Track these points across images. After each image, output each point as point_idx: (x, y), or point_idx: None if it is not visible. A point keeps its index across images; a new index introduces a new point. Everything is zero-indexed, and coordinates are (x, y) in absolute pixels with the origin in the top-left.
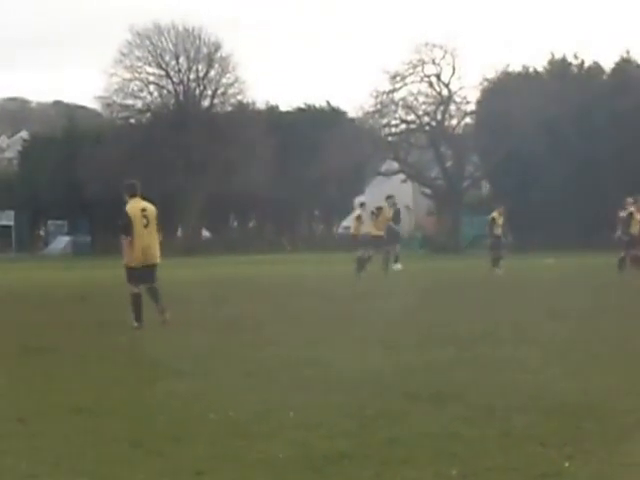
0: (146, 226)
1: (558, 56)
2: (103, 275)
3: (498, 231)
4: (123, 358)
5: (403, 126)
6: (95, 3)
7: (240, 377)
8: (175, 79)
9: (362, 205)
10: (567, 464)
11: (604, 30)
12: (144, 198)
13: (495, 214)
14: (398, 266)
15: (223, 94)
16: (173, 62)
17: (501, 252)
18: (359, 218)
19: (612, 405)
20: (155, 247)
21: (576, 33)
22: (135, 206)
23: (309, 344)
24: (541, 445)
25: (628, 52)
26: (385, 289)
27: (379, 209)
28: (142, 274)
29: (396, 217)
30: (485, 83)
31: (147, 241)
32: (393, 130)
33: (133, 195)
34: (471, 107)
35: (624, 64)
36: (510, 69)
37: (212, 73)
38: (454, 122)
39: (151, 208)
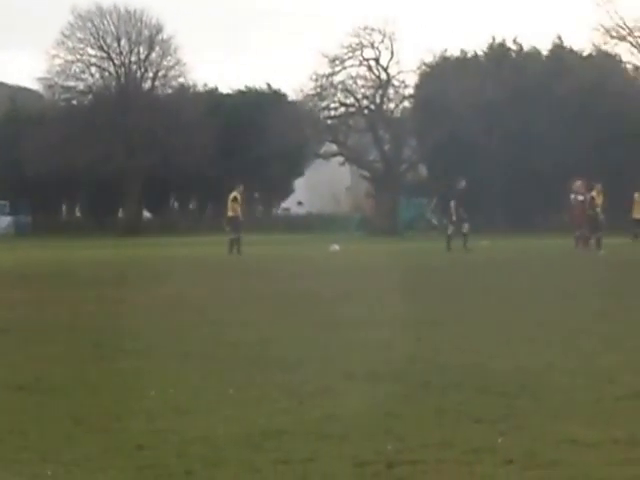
0: None
1: (498, 41)
2: (45, 254)
3: (597, 210)
4: (64, 336)
5: (342, 109)
6: None
7: (180, 355)
8: (117, 61)
9: (239, 187)
10: (500, 440)
11: (541, 15)
12: None
13: (594, 193)
14: (336, 247)
15: (164, 76)
16: (115, 44)
17: (601, 232)
18: (235, 199)
19: (545, 384)
20: None
21: (515, 19)
22: None
23: (248, 324)
24: (475, 422)
25: (560, 38)
26: (325, 269)
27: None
28: None
29: None
30: (423, 67)
31: None
32: (332, 113)
33: None
34: (409, 91)
35: (559, 49)
36: (448, 54)
37: (153, 55)
38: (392, 106)
39: None
